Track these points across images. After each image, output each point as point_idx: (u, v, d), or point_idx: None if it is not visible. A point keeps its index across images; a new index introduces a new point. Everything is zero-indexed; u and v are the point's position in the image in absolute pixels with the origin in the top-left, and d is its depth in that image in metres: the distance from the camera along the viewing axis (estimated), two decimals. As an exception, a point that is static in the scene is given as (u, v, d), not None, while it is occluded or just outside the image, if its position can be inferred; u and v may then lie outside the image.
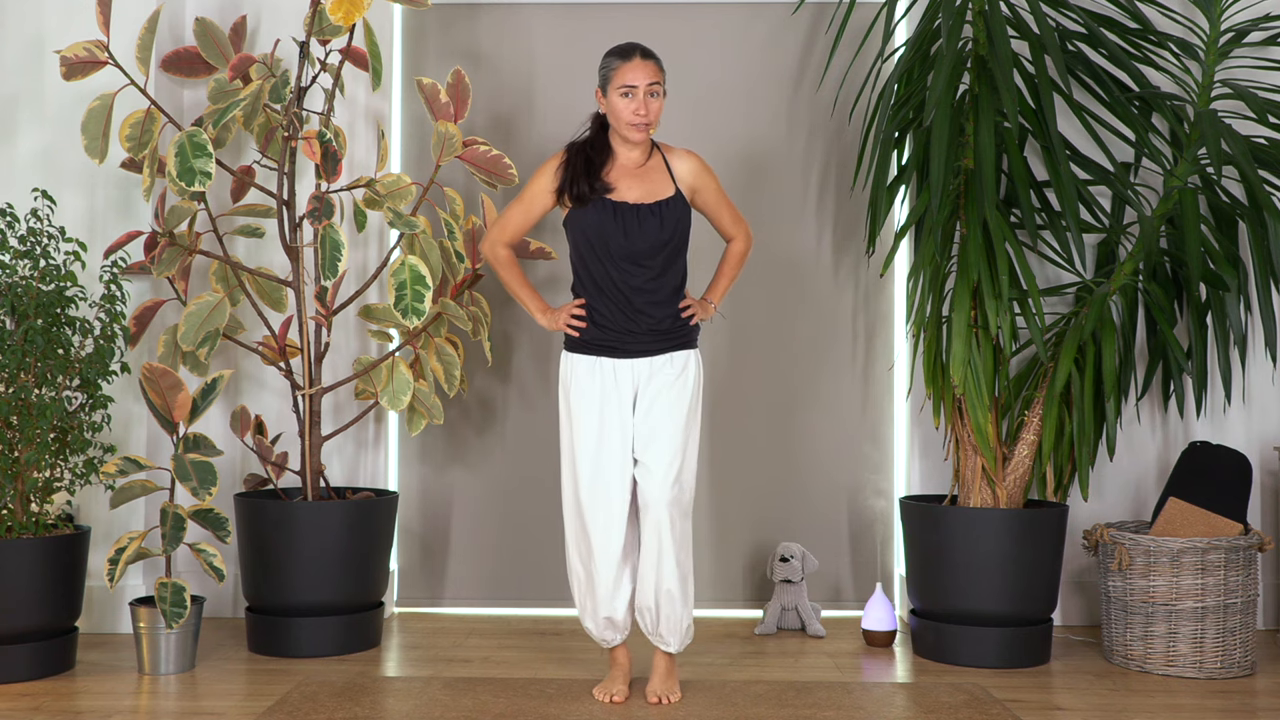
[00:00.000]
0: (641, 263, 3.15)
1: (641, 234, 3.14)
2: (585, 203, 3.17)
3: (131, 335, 3.68)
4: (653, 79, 3.14)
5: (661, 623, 3.19)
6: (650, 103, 3.14)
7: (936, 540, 3.61)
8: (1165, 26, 4.03)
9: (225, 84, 3.80)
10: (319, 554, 3.61)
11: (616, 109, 3.16)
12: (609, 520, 3.16)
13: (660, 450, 3.13)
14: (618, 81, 3.14)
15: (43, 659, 3.36)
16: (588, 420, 3.17)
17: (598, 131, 3.25)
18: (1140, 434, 4.14)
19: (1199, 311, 3.76)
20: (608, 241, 3.15)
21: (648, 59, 3.16)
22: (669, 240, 3.17)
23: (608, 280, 3.16)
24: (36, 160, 3.92)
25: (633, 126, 3.15)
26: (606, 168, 3.22)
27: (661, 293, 3.18)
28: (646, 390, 3.17)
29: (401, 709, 3.07)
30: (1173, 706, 3.17)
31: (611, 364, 3.17)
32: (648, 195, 3.19)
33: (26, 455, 3.36)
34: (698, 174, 3.26)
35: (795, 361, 4.31)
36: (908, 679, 3.44)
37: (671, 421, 3.15)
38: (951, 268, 3.82)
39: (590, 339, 3.19)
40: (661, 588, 3.15)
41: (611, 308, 3.16)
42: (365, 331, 4.16)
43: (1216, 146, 3.37)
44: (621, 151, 3.23)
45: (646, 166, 3.23)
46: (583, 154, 3.22)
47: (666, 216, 3.16)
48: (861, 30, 4.10)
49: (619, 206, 3.16)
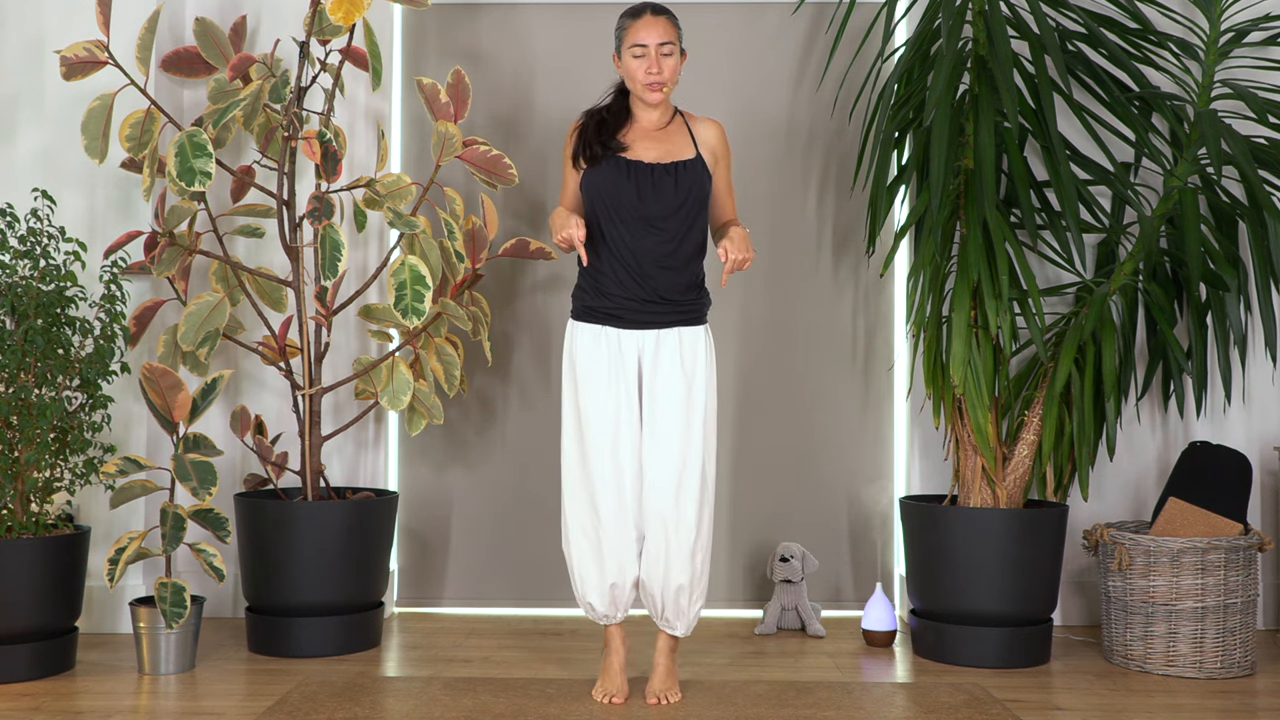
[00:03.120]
0: (656, 225, 3.09)
1: (656, 195, 3.08)
2: (598, 162, 3.12)
3: (131, 335, 3.68)
4: (664, 38, 3.10)
5: (668, 608, 3.17)
6: (664, 61, 3.10)
7: (936, 540, 3.61)
8: (1165, 26, 4.03)
9: (225, 84, 3.80)
10: (319, 554, 3.61)
11: (630, 70, 3.12)
12: (620, 486, 3.11)
13: (662, 441, 3.10)
14: (629, 41, 3.11)
15: (43, 659, 3.36)
16: (594, 387, 3.11)
17: (616, 96, 3.22)
18: (1140, 434, 4.14)
19: (1199, 311, 3.76)
20: (620, 200, 3.09)
21: (659, 15, 3.12)
22: (684, 203, 3.10)
23: (620, 243, 3.10)
24: (36, 160, 3.92)
25: (647, 87, 3.10)
26: (625, 130, 3.17)
27: (675, 259, 3.11)
28: (653, 369, 3.12)
29: (401, 709, 3.07)
30: (1173, 706, 3.17)
31: (617, 334, 3.12)
32: (665, 156, 3.14)
33: (26, 455, 3.36)
34: (721, 142, 3.22)
35: (795, 361, 4.31)
36: (908, 679, 3.44)
37: (677, 408, 3.09)
38: (951, 268, 3.82)
39: (596, 307, 3.13)
40: (670, 583, 3.12)
41: (621, 273, 3.10)
42: (365, 331, 4.16)
43: (1216, 146, 3.37)
44: (641, 114, 3.19)
45: (667, 130, 3.19)
46: (597, 116, 3.19)
47: (682, 177, 3.10)
48: (861, 30, 4.10)
49: (633, 165, 3.11)
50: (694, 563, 3.15)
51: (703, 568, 3.18)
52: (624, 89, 3.22)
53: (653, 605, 3.19)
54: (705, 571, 3.20)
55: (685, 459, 3.11)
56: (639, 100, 3.17)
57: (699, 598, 3.20)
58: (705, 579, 3.20)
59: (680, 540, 3.12)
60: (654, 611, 3.20)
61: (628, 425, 3.12)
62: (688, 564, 3.13)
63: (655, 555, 3.13)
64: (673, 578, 3.13)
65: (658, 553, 3.13)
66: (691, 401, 3.12)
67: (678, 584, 3.13)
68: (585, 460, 3.14)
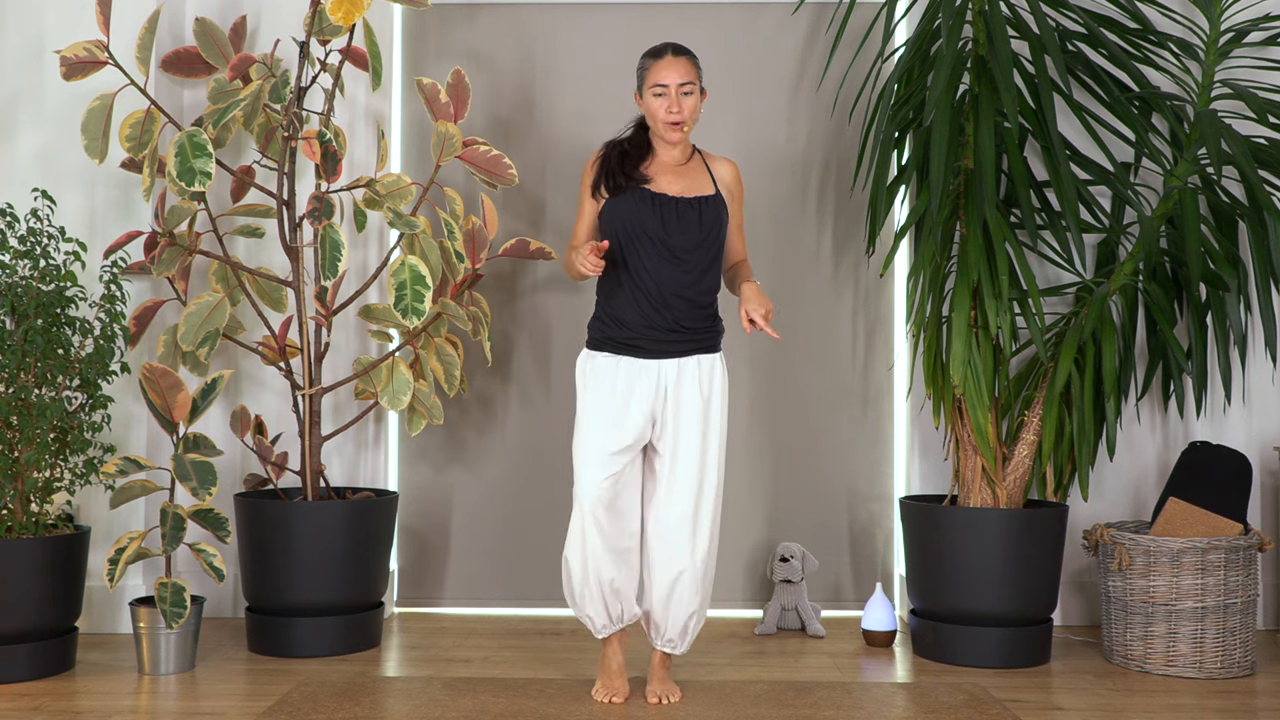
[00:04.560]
0: (679, 256, 3.09)
1: (680, 227, 3.10)
2: (621, 192, 3.13)
3: (131, 335, 3.68)
4: (685, 78, 3.11)
5: (675, 630, 3.19)
6: (684, 100, 3.11)
7: (936, 540, 3.61)
8: (1165, 26, 4.03)
9: (225, 84, 3.80)
10: (319, 554, 3.61)
11: (651, 109, 3.14)
12: (629, 508, 3.13)
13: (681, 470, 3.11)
14: (650, 81, 3.13)
15: (43, 659, 3.36)
16: (607, 408, 3.10)
17: (637, 130, 3.24)
18: (1140, 434, 4.14)
19: (1199, 311, 3.76)
20: (644, 230, 3.09)
21: (679, 56, 3.14)
22: (706, 236, 3.11)
23: (642, 272, 3.10)
24: (36, 160, 3.92)
25: (668, 126, 3.12)
26: (646, 163, 3.19)
27: (696, 290, 3.11)
28: (676, 398, 3.11)
29: (401, 709, 3.07)
30: (1173, 706, 3.17)
31: (639, 364, 3.12)
32: (687, 190, 3.15)
33: (26, 455, 3.36)
34: (736, 182, 3.25)
35: (795, 361, 4.31)
36: (908, 679, 3.44)
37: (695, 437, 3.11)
38: (951, 268, 3.82)
39: (616, 337, 3.13)
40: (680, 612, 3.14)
41: (643, 302, 3.10)
42: (365, 331, 4.16)
43: (1216, 146, 3.37)
44: (662, 150, 3.20)
45: (688, 166, 3.21)
46: (619, 148, 3.20)
47: (706, 212, 3.12)
48: (861, 30, 4.10)
49: (657, 197, 3.12)
50: (703, 588, 3.17)
51: (708, 591, 3.21)
52: (643, 123, 3.24)
53: (656, 631, 3.20)
54: (709, 596, 3.22)
55: (702, 487, 3.13)
56: (659, 138, 3.19)
57: (701, 619, 3.23)
58: (708, 602, 3.23)
59: (693, 566, 3.13)
60: (656, 635, 3.21)
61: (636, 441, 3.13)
62: (697, 591, 3.15)
63: (665, 582, 3.13)
64: (683, 607, 3.14)
65: (668, 580, 3.13)
66: (708, 430, 3.14)
67: (688, 612, 3.15)
68: (594, 479, 3.13)
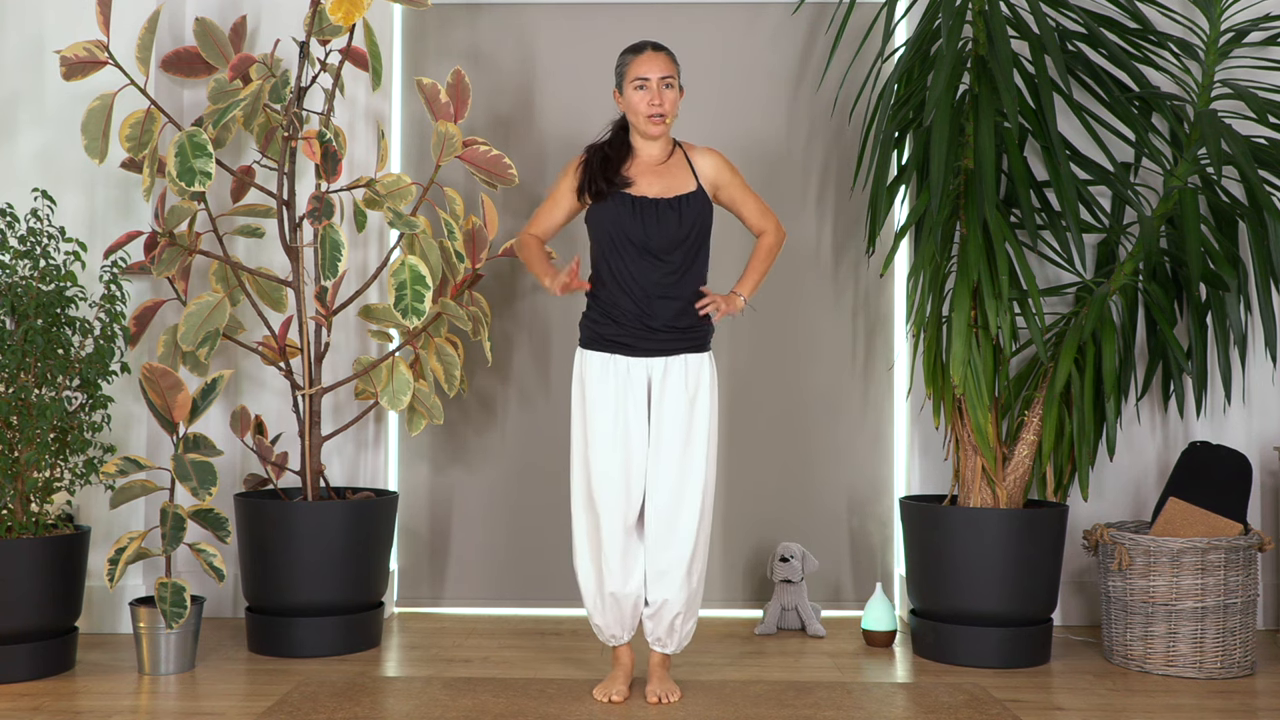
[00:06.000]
0: (660, 257, 3.14)
1: (660, 228, 3.14)
2: (604, 198, 3.18)
3: (131, 335, 3.68)
4: (665, 72, 3.16)
5: (660, 628, 3.20)
6: (665, 94, 3.15)
7: (936, 540, 3.61)
8: (1165, 26, 4.03)
9: (225, 84, 3.80)
10: (319, 554, 3.61)
11: (632, 103, 3.17)
12: (626, 512, 3.15)
13: (663, 463, 3.14)
14: (631, 75, 3.17)
15: (43, 659, 3.36)
16: (602, 414, 3.15)
17: (617, 132, 3.27)
18: (1140, 434, 4.14)
19: (1199, 311, 3.76)
20: (626, 235, 3.14)
21: (659, 50, 3.19)
22: (687, 235, 3.16)
23: (626, 275, 3.16)
24: (36, 160, 3.92)
25: (649, 119, 3.15)
26: (627, 165, 3.22)
27: (678, 289, 3.17)
28: (660, 395, 3.16)
29: (401, 709, 3.07)
30: (1173, 707, 3.17)
31: (626, 362, 3.17)
32: (667, 190, 3.19)
33: (26, 455, 3.36)
34: (719, 169, 3.26)
35: (795, 361, 4.31)
36: (908, 679, 3.44)
37: (679, 432, 3.14)
38: (951, 268, 3.82)
39: (606, 335, 3.18)
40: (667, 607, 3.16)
41: (628, 303, 3.15)
42: (365, 331, 4.16)
43: (1216, 146, 3.37)
44: (642, 149, 3.24)
45: (668, 164, 3.24)
46: (600, 152, 3.24)
47: (685, 211, 3.16)
48: (861, 30, 4.10)
49: (638, 201, 3.16)
50: (690, 582, 3.18)
51: (698, 586, 3.22)
52: (623, 124, 3.28)
53: (647, 630, 3.22)
54: (700, 592, 3.23)
55: (684, 480, 3.15)
56: (640, 133, 3.22)
57: (692, 617, 3.23)
58: (699, 599, 3.24)
59: (674, 565, 3.15)
60: (648, 633, 3.23)
61: (637, 452, 3.16)
62: (684, 584, 3.16)
63: (652, 575, 3.17)
64: (670, 603, 3.16)
65: (655, 573, 3.16)
66: (693, 425, 3.16)
67: (675, 610, 3.17)
68: (591, 485, 3.17)
